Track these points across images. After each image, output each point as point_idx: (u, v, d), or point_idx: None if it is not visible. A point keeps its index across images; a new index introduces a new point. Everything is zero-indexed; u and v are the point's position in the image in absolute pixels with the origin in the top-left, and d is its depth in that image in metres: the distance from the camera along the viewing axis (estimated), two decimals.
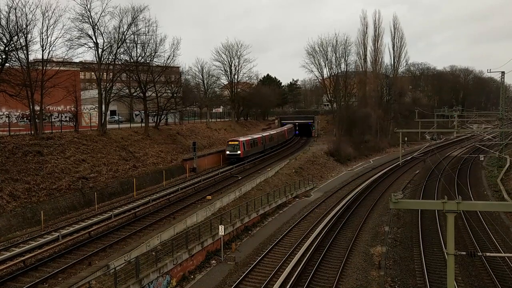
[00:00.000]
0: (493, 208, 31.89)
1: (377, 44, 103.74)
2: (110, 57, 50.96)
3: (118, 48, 51.05)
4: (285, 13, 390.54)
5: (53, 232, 28.93)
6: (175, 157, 54.81)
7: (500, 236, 34.68)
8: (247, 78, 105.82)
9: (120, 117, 70.94)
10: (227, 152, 61.17)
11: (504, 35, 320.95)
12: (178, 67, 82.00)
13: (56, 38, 46.72)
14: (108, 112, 56.04)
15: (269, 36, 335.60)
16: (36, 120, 41.06)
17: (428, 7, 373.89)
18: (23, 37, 39.22)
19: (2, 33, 37.28)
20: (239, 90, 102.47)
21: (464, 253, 16.90)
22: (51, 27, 41.60)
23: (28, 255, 24.28)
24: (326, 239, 34.41)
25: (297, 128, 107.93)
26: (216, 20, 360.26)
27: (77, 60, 58.08)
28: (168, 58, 62.62)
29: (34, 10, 40.08)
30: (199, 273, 28.62)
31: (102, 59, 49.68)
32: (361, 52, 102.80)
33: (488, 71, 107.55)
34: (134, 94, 60.21)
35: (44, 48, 41.45)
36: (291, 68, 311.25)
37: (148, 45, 57.33)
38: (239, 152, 60.46)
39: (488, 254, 18.70)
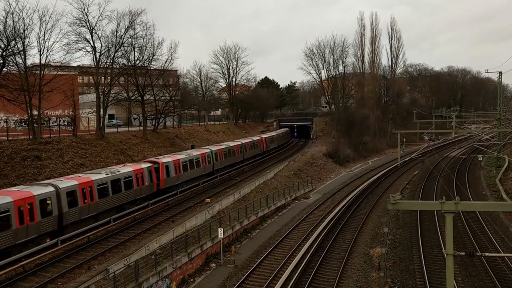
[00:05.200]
0: (491, 208, 31.93)
1: (375, 45, 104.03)
2: (108, 61, 51.00)
3: (115, 52, 51.06)
4: (291, 16, 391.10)
5: None
6: None
7: (499, 236, 34.73)
8: (245, 81, 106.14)
9: (118, 121, 70.91)
10: None
11: (506, 36, 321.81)
12: (176, 70, 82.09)
13: (54, 43, 46.56)
14: (106, 116, 56.00)
15: (274, 39, 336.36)
16: (34, 125, 41.03)
17: (432, 9, 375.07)
18: (21, 41, 39.24)
19: None
20: (237, 92, 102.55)
21: (463, 253, 16.89)
22: (49, 31, 41.67)
23: (27, 260, 24.19)
24: (326, 240, 34.41)
25: (295, 130, 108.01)
26: (224, 23, 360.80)
27: (75, 64, 58.07)
28: (166, 61, 62.75)
29: (31, 14, 40.23)
30: (199, 276, 28.61)
31: (100, 63, 49.69)
32: (358, 53, 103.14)
33: (486, 71, 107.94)
34: (132, 97, 60.19)
35: (41, 52, 41.50)
36: (292, 71, 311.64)
37: (145, 49, 57.42)
38: None
39: (487, 254, 18.65)
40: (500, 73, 67.69)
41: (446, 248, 15.80)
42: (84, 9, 46.32)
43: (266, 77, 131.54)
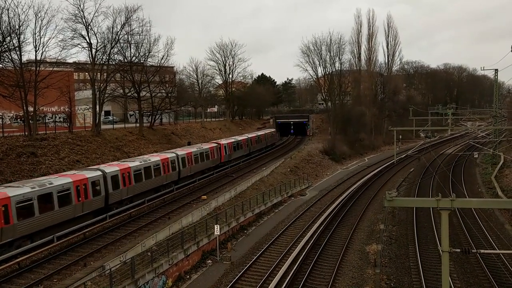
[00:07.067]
0: (487, 205, 32.11)
1: (371, 42, 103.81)
2: (104, 57, 50.80)
3: (111, 48, 50.90)
4: (291, 15, 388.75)
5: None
6: None
7: (495, 233, 34.91)
8: (241, 78, 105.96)
9: (114, 118, 70.73)
10: None
11: (505, 34, 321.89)
12: (173, 67, 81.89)
13: (49, 39, 46.31)
14: (103, 112, 55.83)
15: (273, 38, 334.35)
16: (30, 121, 40.84)
17: (432, 8, 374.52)
18: (16, 37, 39.03)
19: None
20: (233, 89, 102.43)
21: (459, 250, 16.96)
22: (44, 27, 41.38)
23: (22, 257, 24.12)
24: (322, 237, 34.48)
25: (292, 127, 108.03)
26: (224, 21, 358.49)
27: (70, 61, 57.74)
28: (162, 58, 62.58)
29: (27, 10, 39.91)
30: (195, 273, 28.61)
31: (96, 60, 49.48)
32: (355, 50, 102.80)
33: (482, 68, 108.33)
34: (128, 94, 60.03)
35: (37, 48, 41.24)
36: (290, 69, 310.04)
37: (142, 45, 57.29)
38: None
39: (482, 251, 18.75)
40: (496, 70, 67.99)
41: (442, 245, 15.85)
42: (80, 5, 46.15)
43: (262, 74, 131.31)
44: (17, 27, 38.56)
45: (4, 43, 37.87)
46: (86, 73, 60.25)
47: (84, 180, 29.95)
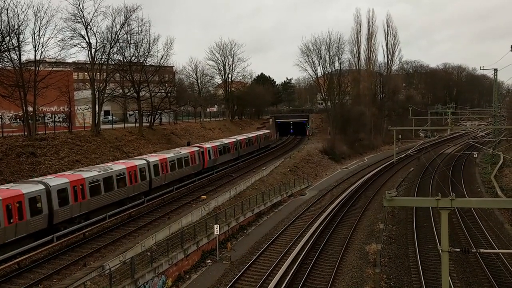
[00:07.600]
0: (487, 205, 32.14)
1: (371, 42, 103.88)
2: (103, 57, 50.75)
3: (111, 48, 50.86)
4: (291, 15, 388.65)
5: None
6: None
7: (494, 232, 34.93)
8: (241, 77, 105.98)
9: (114, 117, 70.68)
10: None
11: (504, 34, 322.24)
12: (172, 67, 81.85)
13: (49, 39, 46.29)
14: (102, 112, 55.81)
15: (273, 38, 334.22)
16: (29, 121, 40.80)
17: (432, 7, 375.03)
18: (15, 37, 38.98)
19: None
20: (233, 89, 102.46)
21: (458, 249, 16.99)
22: (44, 27, 41.27)
23: (22, 257, 24.12)
24: (321, 237, 34.48)
25: (291, 126, 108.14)
26: (224, 22, 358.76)
27: (70, 61, 57.71)
28: (162, 57, 62.56)
29: (26, 10, 39.80)
30: (195, 273, 28.62)
31: (95, 59, 49.46)
32: (354, 50, 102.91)
33: (481, 68, 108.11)
34: (128, 94, 60.00)
35: (36, 48, 41.15)
36: (289, 68, 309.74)
37: (141, 45, 57.27)
38: None
39: (482, 250, 18.77)
40: (496, 70, 68.04)
41: (441, 245, 15.87)
42: (79, 5, 46.10)
43: (262, 73, 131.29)
44: (16, 27, 38.54)
45: (4, 43, 37.84)
46: (86, 73, 60.09)
47: (18, 196, 24.88)
